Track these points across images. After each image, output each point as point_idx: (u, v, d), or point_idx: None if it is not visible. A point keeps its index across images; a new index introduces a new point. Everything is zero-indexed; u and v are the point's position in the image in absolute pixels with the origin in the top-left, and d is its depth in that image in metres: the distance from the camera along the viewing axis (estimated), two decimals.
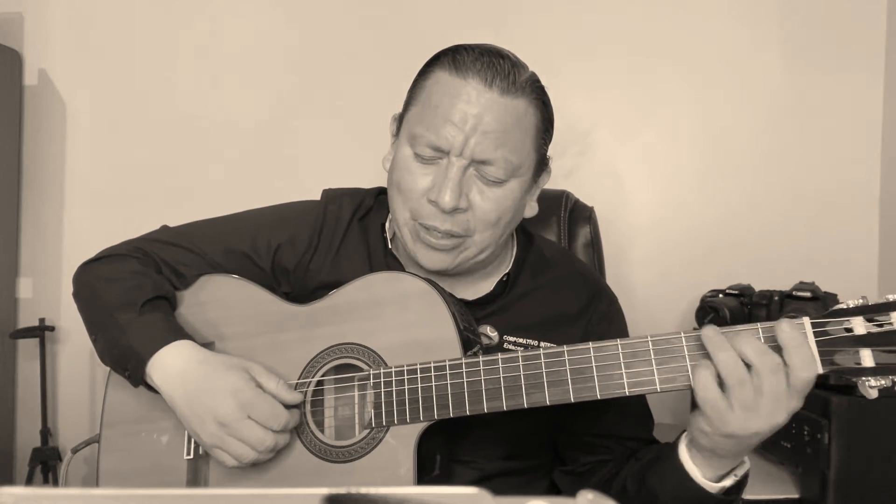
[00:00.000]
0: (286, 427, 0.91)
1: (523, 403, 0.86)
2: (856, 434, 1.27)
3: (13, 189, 2.03)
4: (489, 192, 0.97)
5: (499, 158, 0.95)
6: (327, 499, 0.38)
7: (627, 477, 0.99)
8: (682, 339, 0.82)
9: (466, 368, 0.89)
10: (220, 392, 0.89)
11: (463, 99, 0.94)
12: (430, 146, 0.95)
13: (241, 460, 0.90)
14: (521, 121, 0.96)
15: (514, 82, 0.95)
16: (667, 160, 1.94)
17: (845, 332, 0.77)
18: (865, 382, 0.76)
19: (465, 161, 0.95)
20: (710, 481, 0.86)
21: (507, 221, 1.01)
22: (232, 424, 0.89)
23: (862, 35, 1.89)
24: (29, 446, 1.92)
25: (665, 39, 1.92)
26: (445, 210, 0.95)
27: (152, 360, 0.93)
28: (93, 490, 0.42)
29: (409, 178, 0.98)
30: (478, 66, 0.95)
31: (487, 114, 0.93)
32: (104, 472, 1.03)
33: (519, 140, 0.97)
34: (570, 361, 0.85)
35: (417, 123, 0.97)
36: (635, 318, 1.53)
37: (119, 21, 2.04)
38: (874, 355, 0.75)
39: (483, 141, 0.94)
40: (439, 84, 0.97)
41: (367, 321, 0.96)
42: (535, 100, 0.98)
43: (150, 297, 0.98)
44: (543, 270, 1.12)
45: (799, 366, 0.76)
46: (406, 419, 0.91)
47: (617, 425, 1.06)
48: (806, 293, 1.51)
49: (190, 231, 1.12)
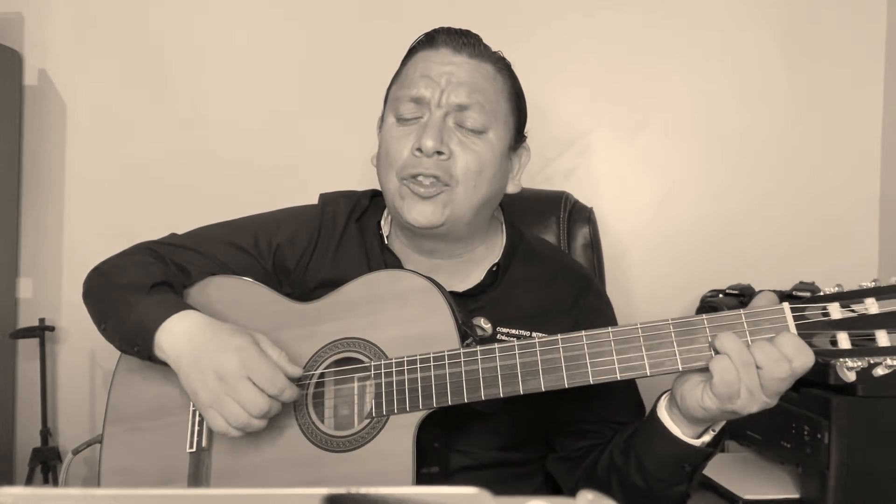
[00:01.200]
0: (281, 393, 0.92)
1: (519, 390, 0.89)
2: (856, 434, 1.27)
3: (13, 189, 2.03)
4: (469, 143, 1.04)
5: (474, 103, 1.03)
6: (327, 499, 0.38)
7: (613, 449, 1.03)
8: (669, 326, 0.86)
9: (464, 358, 0.92)
10: (225, 349, 0.93)
11: (436, 61, 1.05)
12: (412, 99, 1.04)
13: (233, 422, 0.91)
14: (491, 81, 1.07)
15: (480, 51, 1.07)
16: (666, 161, 1.94)
17: (823, 317, 0.82)
18: (843, 364, 0.80)
19: (443, 110, 1.03)
20: (690, 438, 0.91)
21: (490, 178, 1.06)
22: (231, 381, 0.90)
23: (862, 35, 1.89)
24: (29, 446, 1.92)
25: (665, 39, 1.92)
26: (429, 153, 1.01)
27: (161, 329, 0.97)
28: (93, 490, 0.43)
29: (394, 144, 1.06)
30: (448, 38, 1.07)
31: (458, 70, 1.04)
32: (106, 468, 1.05)
33: (492, 93, 1.06)
34: (564, 349, 0.89)
35: (398, 90, 1.08)
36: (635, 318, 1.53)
37: (119, 21, 2.03)
38: (850, 338, 0.80)
39: (458, 89, 1.03)
40: (415, 59, 1.08)
41: (369, 317, 0.99)
42: (502, 69, 1.09)
43: (158, 281, 1.03)
44: (533, 263, 1.16)
45: (800, 367, 0.81)
46: (406, 408, 0.93)
47: (607, 411, 1.10)
48: (806, 293, 1.50)
49: (195, 234, 1.17)
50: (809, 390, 1.34)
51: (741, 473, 1.51)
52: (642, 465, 0.96)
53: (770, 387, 0.82)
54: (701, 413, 0.87)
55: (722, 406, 0.83)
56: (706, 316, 0.85)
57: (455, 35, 1.07)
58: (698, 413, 0.87)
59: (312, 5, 2.00)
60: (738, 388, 0.81)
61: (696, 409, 0.86)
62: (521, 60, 1.15)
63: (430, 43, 1.07)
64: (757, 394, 0.82)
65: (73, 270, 2.05)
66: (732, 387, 0.81)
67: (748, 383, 0.81)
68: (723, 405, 0.83)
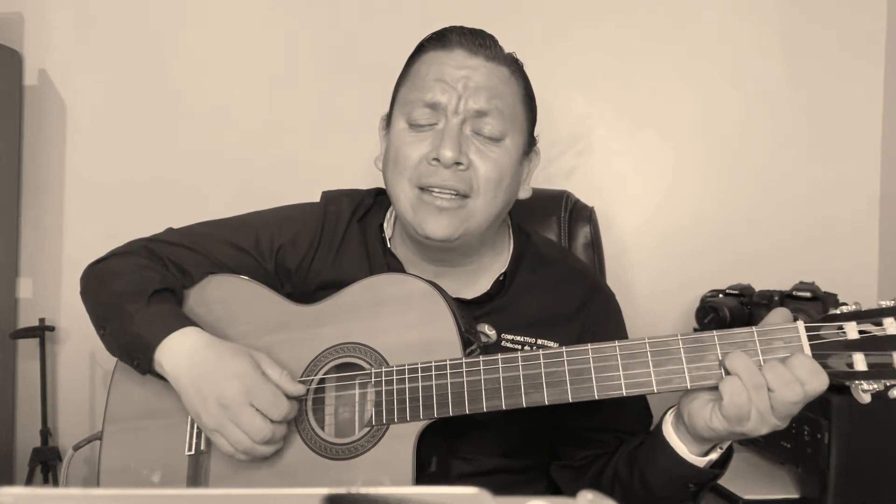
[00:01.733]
0: (285, 418, 0.91)
1: (522, 403, 0.87)
2: (856, 434, 1.27)
3: (13, 189, 2.03)
4: (488, 152, 0.99)
5: (493, 109, 0.99)
6: (327, 499, 0.38)
7: (618, 462, 1.01)
8: (679, 342, 0.83)
9: (466, 368, 0.90)
10: (226, 375, 0.91)
11: (451, 64, 1.00)
12: (426, 104, 0.99)
13: (238, 448, 0.90)
14: (507, 84, 1.02)
15: (496, 53, 1.02)
16: (667, 160, 1.94)
17: (838, 336, 0.78)
18: (858, 387, 0.78)
19: (460, 117, 0.98)
20: (696, 456, 0.89)
21: (508, 185, 1.02)
22: (233, 408, 0.89)
23: (862, 35, 1.89)
24: (29, 446, 1.92)
25: (665, 40, 1.92)
26: (447, 164, 0.97)
27: (161, 346, 0.95)
28: (93, 490, 0.42)
29: (406, 150, 1.01)
30: (462, 39, 1.01)
31: (475, 74, 0.99)
32: (105, 468, 1.04)
33: (509, 97, 1.02)
34: (569, 362, 0.86)
35: (410, 92, 1.02)
36: (635, 318, 1.53)
37: (119, 21, 2.03)
38: (866, 359, 0.77)
39: (476, 94, 0.98)
40: (426, 59, 1.03)
41: (370, 321, 0.98)
42: (516, 71, 1.04)
43: (157, 289, 1.00)
44: (540, 269, 1.13)
45: (813, 391, 0.78)
46: (406, 417, 0.92)
47: (612, 420, 1.07)
48: (806, 293, 1.51)
49: (194, 232, 1.14)
50: None
51: (741, 473, 1.51)
52: (646, 480, 0.94)
53: (781, 410, 0.79)
54: (709, 433, 0.84)
55: (731, 428, 0.81)
56: (717, 332, 0.82)
57: (470, 36, 1.01)
58: (706, 433, 0.84)
59: (312, 5, 2.00)
60: (748, 410, 0.79)
61: (704, 429, 0.84)
62: (521, 60, 1.14)
63: (443, 43, 1.01)
64: (767, 416, 0.80)
65: (73, 270, 2.02)
66: (743, 409, 0.79)
67: (759, 406, 0.79)
68: (732, 427, 0.81)
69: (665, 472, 0.92)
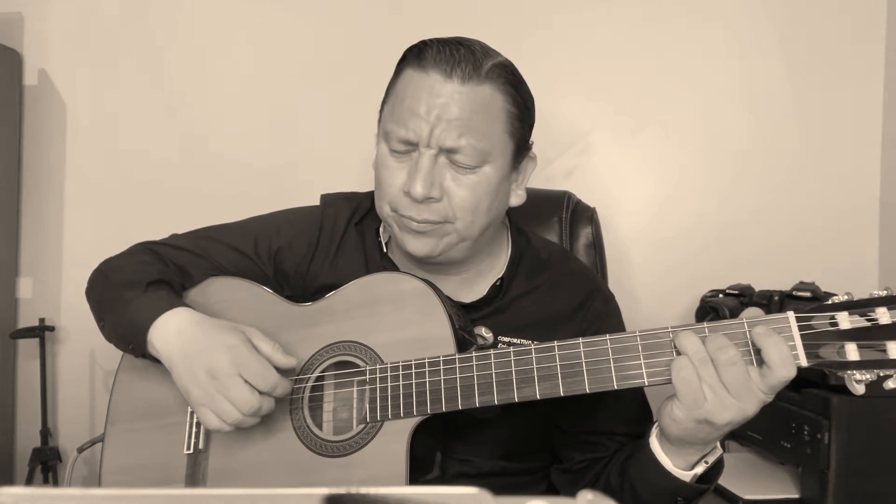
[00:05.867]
0: (273, 390, 0.92)
1: (514, 397, 0.88)
2: (856, 434, 1.27)
3: (13, 189, 2.03)
4: (463, 179, 0.98)
5: (464, 146, 0.96)
6: (327, 499, 0.38)
7: (611, 471, 1.02)
8: (669, 334, 0.84)
9: (459, 364, 0.91)
10: (217, 348, 0.92)
11: (426, 91, 0.96)
12: (401, 140, 0.98)
13: (225, 419, 0.91)
14: (486, 106, 0.97)
15: (475, 70, 0.96)
16: (668, 161, 1.94)
17: (830, 326, 0.78)
18: (852, 377, 0.77)
19: (433, 150, 0.97)
20: (682, 469, 0.89)
21: (488, 207, 1.01)
22: (222, 379, 0.90)
23: (863, 35, 1.89)
24: (29, 446, 1.92)
25: (666, 40, 1.92)
26: (418, 200, 0.96)
27: (153, 327, 0.97)
28: (93, 490, 0.42)
29: (386, 174, 1.01)
30: (438, 58, 0.96)
31: (451, 103, 0.95)
32: (107, 469, 1.05)
33: (485, 125, 0.97)
34: (561, 357, 0.87)
35: (389, 120, 1.01)
36: (636, 318, 1.53)
37: (119, 21, 2.03)
38: (859, 349, 0.77)
39: (448, 129, 0.95)
40: (405, 80, 1.00)
41: (366, 319, 0.99)
42: (501, 85, 0.99)
43: (155, 279, 1.03)
44: (539, 272, 1.12)
45: (777, 363, 0.78)
46: (400, 414, 0.93)
47: (611, 423, 1.07)
48: (806, 293, 1.51)
49: (197, 237, 1.16)
50: (809, 390, 1.34)
51: (741, 473, 1.51)
52: (636, 492, 0.95)
53: (734, 385, 0.79)
54: (675, 428, 0.84)
55: (689, 413, 0.81)
56: (707, 324, 0.83)
57: (448, 53, 0.96)
58: (673, 429, 0.84)
59: (313, 5, 2.00)
60: (698, 387, 0.79)
61: (669, 424, 0.84)
62: (521, 60, 1.14)
63: (420, 61, 0.98)
64: (723, 395, 0.79)
65: (73, 270, 2.05)
66: (693, 386, 0.79)
67: (708, 381, 0.79)
68: (690, 412, 0.81)
69: (652, 484, 0.92)
